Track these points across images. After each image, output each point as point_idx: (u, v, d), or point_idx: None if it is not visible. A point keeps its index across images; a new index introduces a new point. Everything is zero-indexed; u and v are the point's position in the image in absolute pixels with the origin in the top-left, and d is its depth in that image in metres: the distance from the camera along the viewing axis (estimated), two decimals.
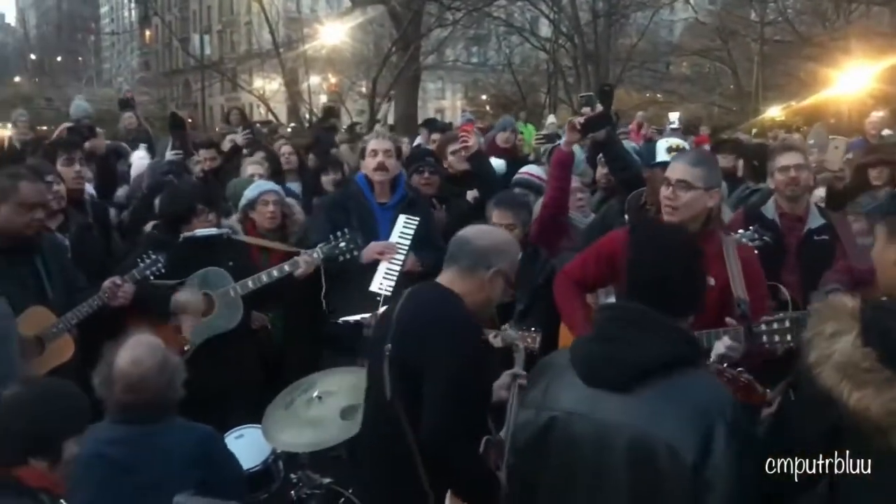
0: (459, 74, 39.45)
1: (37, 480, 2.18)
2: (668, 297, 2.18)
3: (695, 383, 2.09)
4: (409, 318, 2.74)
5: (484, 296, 2.76)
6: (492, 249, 2.78)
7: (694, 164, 3.21)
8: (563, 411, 2.18)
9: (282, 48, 21.22)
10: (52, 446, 2.22)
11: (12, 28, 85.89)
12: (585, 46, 24.79)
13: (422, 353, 2.62)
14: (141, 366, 2.80)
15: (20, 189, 3.55)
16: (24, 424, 2.22)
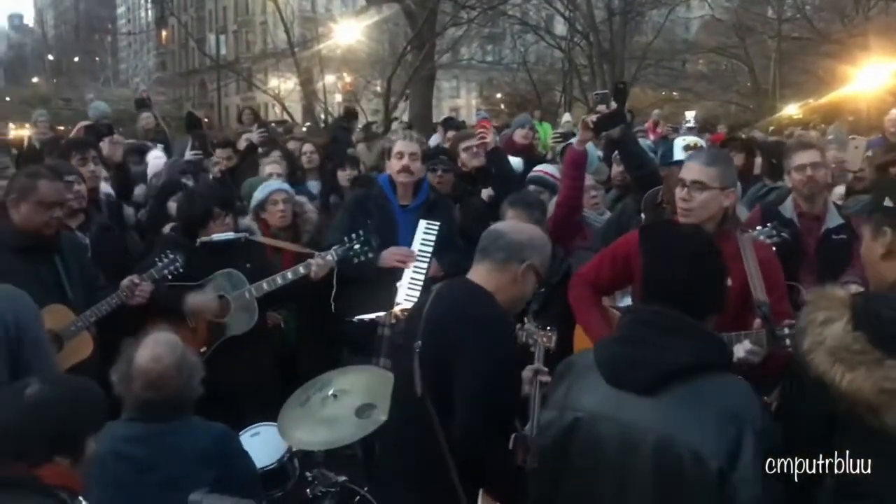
0: (474, 73, 39.46)
1: (56, 478, 2.17)
2: (688, 299, 2.16)
3: (724, 388, 2.06)
4: (440, 315, 2.72)
5: (516, 290, 2.74)
6: (526, 243, 2.76)
7: (708, 163, 3.18)
8: (587, 412, 2.17)
9: (297, 48, 21.28)
10: (77, 444, 2.22)
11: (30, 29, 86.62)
12: (601, 44, 24.71)
13: (454, 350, 2.60)
14: (160, 363, 2.81)
15: (39, 188, 3.57)
16: (52, 423, 2.21)
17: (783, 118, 20.05)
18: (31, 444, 2.17)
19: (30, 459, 2.16)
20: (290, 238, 4.89)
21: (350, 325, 4.32)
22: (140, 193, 5.75)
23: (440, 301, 2.77)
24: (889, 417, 1.75)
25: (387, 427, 3.01)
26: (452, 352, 2.60)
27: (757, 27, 28.53)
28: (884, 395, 1.76)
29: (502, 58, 32.08)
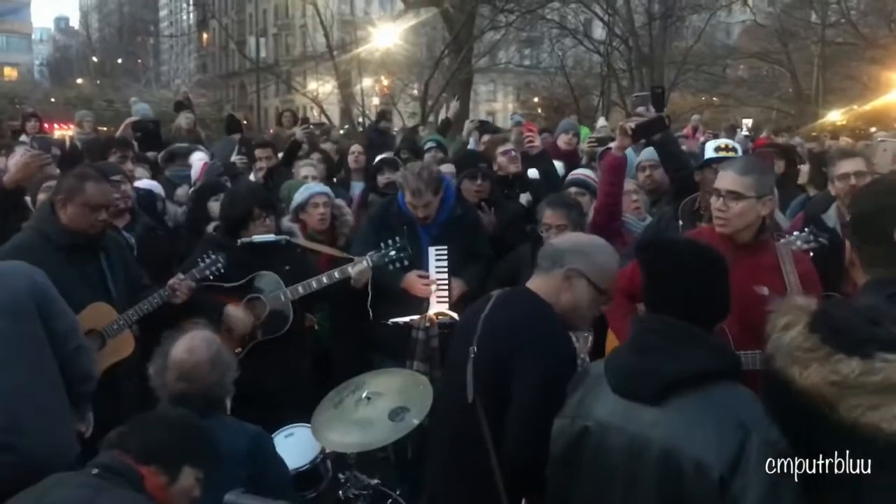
0: (511, 77, 39.38)
1: (156, 490, 2.31)
2: (693, 309, 2.16)
3: (729, 397, 2.06)
4: (498, 321, 2.70)
5: (567, 299, 2.67)
6: (569, 249, 2.72)
7: (743, 172, 3.13)
8: (596, 422, 2.18)
9: (336, 51, 21.46)
10: (171, 462, 2.35)
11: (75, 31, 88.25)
12: (640, 49, 24.53)
13: (511, 358, 2.58)
14: (194, 355, 2.85)
15: (86, 190, 3.62)
16: (156, 433, 2.39)
17: (826, 124, 19.73)
18: (137, 441, 2.36)
19: (131, 454, 2.33)
20: (328, 240, 4.94)
21: (384, 327, 4.35)
22: (182, 194, 5.83)
23: (499, 308, 2.74)
24: (843, 409, 1.77)
25: (433, 431, 3.02)
26: (510, 358, 2.58)
27: (800, 32, 28.11)
28: (833, 388, 1.78)
29: (540, 62, 31.96)
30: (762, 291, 3.09)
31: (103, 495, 2.19)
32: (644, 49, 24.64)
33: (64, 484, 2.26)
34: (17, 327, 3.05)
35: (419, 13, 21.61)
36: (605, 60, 26.35)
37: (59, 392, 3.17)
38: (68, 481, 2.28)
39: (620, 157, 4.28)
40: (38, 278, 3.16)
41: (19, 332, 3.05)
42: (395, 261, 4.25)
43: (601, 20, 26.19)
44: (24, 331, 3.06)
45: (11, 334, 3.04)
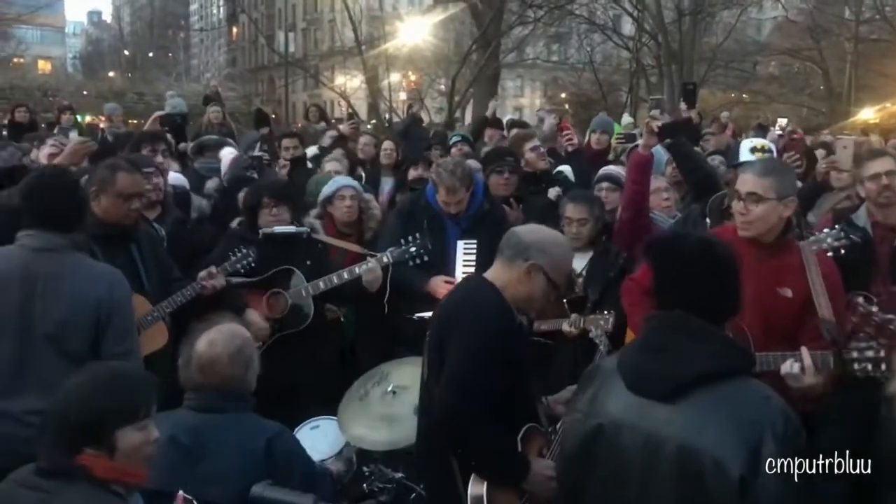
0: (539, 72, 39.21)
1: (105, 472, 2.18)
2: (704, 305, 2.16)
3: (744, 394, 2.06)
4: (446, 304, 2.94)
5: (522, 289, 2.81)
6: (533, 244, 2.84)
7: (763, 174, 3.12)
8: (609, 420, 2.19)
9: (364, 46, 21.48)
10: (101, 436, 2.19)
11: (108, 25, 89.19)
12: (669, 45, 24.27)
13: (447, 335, 2.76)
14: (214, 348, 2.85)
15: (118, 180, 3.68)
16: (74, 414, 2.20)
17: (857, 122, 19.43)
18: (59, 434, 2.20)
19: (62, 448, 2.18)
20: (355, 234, 4.99)
21: (409, 322, 4.38)
22: (212, 187, 5.89)
23: (452, 294, 3.01)
24: None
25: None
26: (447, 336, 2.76)
27: (833, 28, 27.67)
28: None
29: (568, 57, 31.75)
30: (785, 293, 3.08)
31: (57, 498, 2.13)
32: (673, 45, 24.38)
33: (23, 486, 2.19)
34: (63, 340, 3.07)
35: (447, 8, 21.61)
36: (634, 56, 26.12)
37: None
38: (26, 481, 2.20)
39: (647, 155, 4.28)
40: (118, 292, 3.18)
41: (63, 345, 3.07)
42: (416, 257, 4.29)
43: (630, 16, 25.99)
44: (70, 343, 3.08)
45: (55, 346, 3.07)
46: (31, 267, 3.08)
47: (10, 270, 3.08)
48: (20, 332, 3.06)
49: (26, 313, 3.06)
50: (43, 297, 3.06)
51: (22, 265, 3.08)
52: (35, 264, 3.08)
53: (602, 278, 4.18)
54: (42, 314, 3.06)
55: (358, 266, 4.29)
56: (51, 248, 3.12)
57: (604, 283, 4.15)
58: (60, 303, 3.07)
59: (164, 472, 2.59)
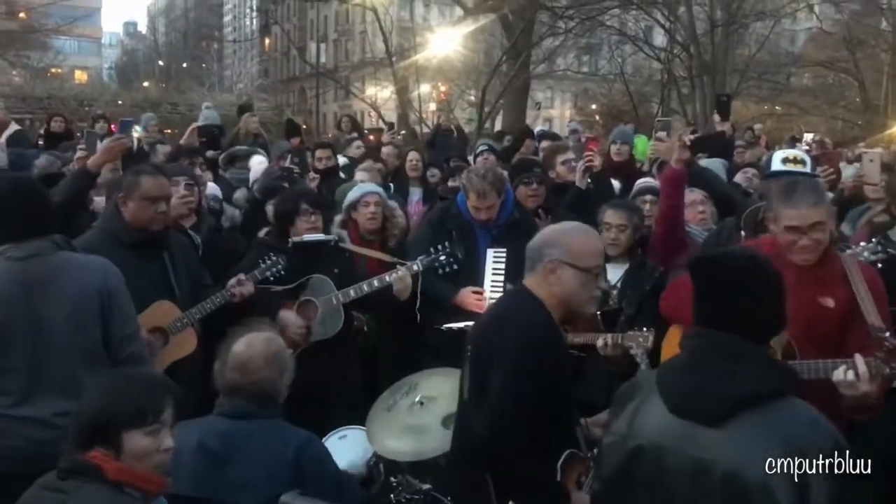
0: (569, 83, 39.12)
1: (116, 473, 2.23)
2: (747, 325, 2.11)
3: (791, 417, 2.01)
4: (488, 320, 2.84)
5: (558, 291, 2.69)
6: (542, 243, 2.76)
7: (817, 201, 3.08)
8: (650, 442, 2.14)
9: (394, 57, 21.58)
10: (109, 435, 2.25)
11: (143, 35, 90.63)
12: (701, 56, 24.09)
13: (489, 352, 2.67)
14: (251, 348, 2.89)
15: (142, 183, 3.75)
16: (86, 412, 2.29)
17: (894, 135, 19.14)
18: (74, 430, 2.29)
19: (76, 445, 2.26)
20: (379, 241, 5.00)
21: (437, 332, 4.37)
22: (240, 197, 5.94)
23: (493, 307, 2.91)
24: None
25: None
26: (488, 357, 2.66)
27: (869, 40, 27.28)
28: None
29: (599, 68, 31.62)
30: (827, 303, 3.04)
31: (72, 498, 2.19)
32: (705, 56, 24.18)
33: (45, 488, 2.26)
34: (76, 337, 3.09)
35: (478, 19, 21.61)
36: (666, 68, 25.98)
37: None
38: (48, 484, 2.27)
39: (679, 170, 4.25)
40: (112, 279, 3.20)
41: (77, 341, 3.10)
42: (445, 265, 4.29)
43: (662, 27, 25.81)
44: (83, 338, 3.11)
45: (70, 344, 3.09)
46: (26, 275, 3.08)
47: (8, 284, 3.07)
48: (33, 340, 3.06)
49: (34, 320, 3.06)
50: (46, 300, 3.07)
51: (17, 276, 3.08)
52: (29, 272, 3.08)
53: (638, 292, 4.14)
54: (49, 317, 3.07)
55: (388, 274, 4.30)
56: (37, 253, 3.10)
57: (639, 298, 4.11)
58: (64, 301, 3.08)
59: (193, 477, 2.60)
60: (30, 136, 10.36)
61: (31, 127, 15.64)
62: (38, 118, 20.14)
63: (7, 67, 30.67)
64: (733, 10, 24.64)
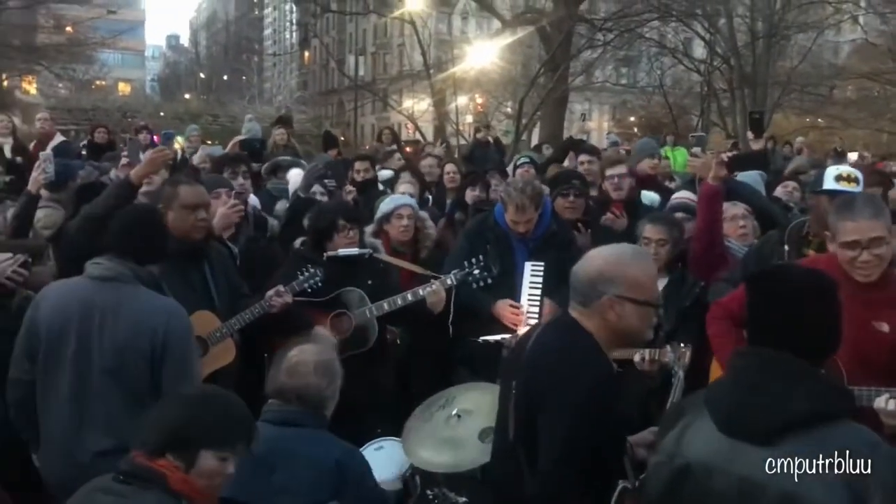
0: (607, 95, 38.94)
1: (179, 484, 2.26)
2: (803, 343, 2.04)
3: (847, 439, 1.93)
4: (537, 355, 2.59)
5: (619, 327, 2.51)
6: (597, 278, 2.51)
7: (876, 214, 3.00)
8: (699, 462, 2.08)
9: (432, 69, 21.68)
10: (187, 449, 2.29)
11: (185, 48, 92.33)
12: (742, 69, 23.83)
13: (541, 393, 2.48)
14: (303, 354, 2.97)
15: (180, 193, 3.80)
16: (171, 417, 2.32)
17: None
18: (150, 433, 2.31)
19: (146, 448, 2.28)
20: (410, 252, 5.01)
21: (473, 345, 4.35)
22: (281, 208, 5.99)
23: (541, 340, 2.63)
24: None
25: (491, 459, 2.98)
26: (540, 397, 2.47)
27: None
28: None
29: (637, 80, 31.46)
30: (881, 328, 2.94)
31: (130, 502, 2.21)
32: (746, 69, 23.93)
33: (100, 491, 2.28)
34: (120, 374, 3.08)
35: (516, 32, 21.65)
36: (706, 80, 25.75)
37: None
38: (103, 487, 2.29)
39: (716, 186, 4.20)
40: (173, 326, 3.14)
41: (121, 379, 3.09)
42: (479, 280, 4.28)
43: (702, 39, 25.60)
44: (126, 377, 3.09)
45: (111, 379, 3.08)
46: (91, 298, 3.10)
47: (70, 302, 3.11)
48: (78, 367, 3.08)
49: (84, 346, 3.08)
50: (101, 328, 3.08)
51: (82, 296, 3.11)
52: (95, 295, 3.11)
53: (677, 307, 4.09)
54: (99, 347, 3.07)
55: (422, 288, 4.29)
56: (113, 276, 3.12)
57: (679, 313, 4.07)
58: (117, 333, 3.07)
59: (238, 482, 2.62)
60: (74, 146, 10.56)
61: (75, 137, 15.96)
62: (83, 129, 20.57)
63: (54, 80, 31.37)
64: (775, 21, 24.32)
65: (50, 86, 32.96)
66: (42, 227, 4.68)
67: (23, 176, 5.94)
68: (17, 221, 4.42)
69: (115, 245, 3.20)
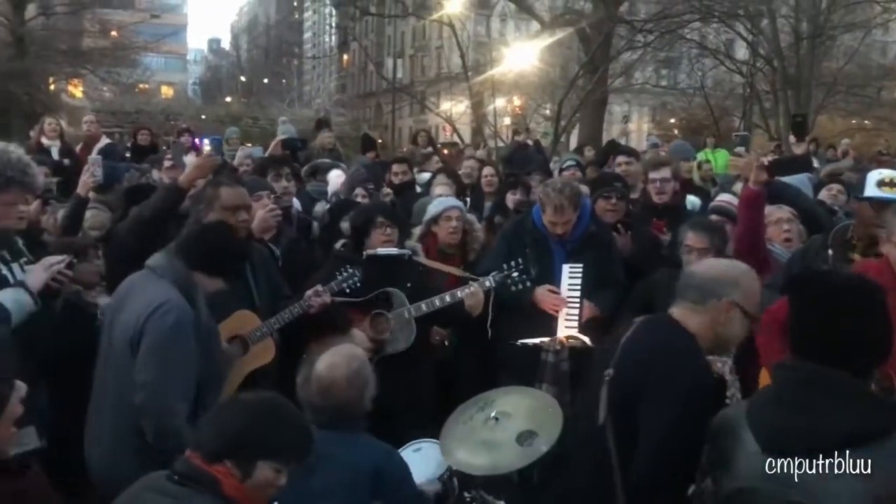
0: (647, 97, 38.56)
1: (233, 490, 2.26)
2: (850, 356, 1.97)
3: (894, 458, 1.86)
4: (637, 347, 2.65)
5: (720, 331, 2.58)
6: (721, 279, 2.60)
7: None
8: (746, 482, 2.03)
9: (470, 72, 21.66)
10: (245, 457, 2.27)
11: (226, 52, 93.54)
12: (786, 70, 23.43)
13: (646, 385, 2.52)
14: (334, 371, 2.94)
15: (221, 194, 3.85)
16: (229, 425, 2.31)
17: None
18: (209, 437, 2.30)
19: (203, 451, 2.27)
20: (458, 255, 5.01)
21: (511, 348, 4.34)
22: (320, 210, 6.04)
23: (640, 335, 2.68)
24: None
25: (557, 451, 3.02)
26: (642, 387, 2.52)
27: None
28: None
29: (678, 82, 31.11)
30: None
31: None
32: (790, 70, 23.52)
33: (152, 490, 2.28)
34: (124, 362, 3.11)
35: (555, 33, 21.55)
36: (748, 81, 25.37)
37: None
38: (156, 486, 2.29)
39: (757, 190, 4.13)
40: (159, 318, 3.05)
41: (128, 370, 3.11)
42: (518, 282, 4.26)
43: (745, 40, 25.24)
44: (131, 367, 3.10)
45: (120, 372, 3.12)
46: (121, 289, 3.19)
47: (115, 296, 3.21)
48: (104, 356, 3.18)
49: (107, 338, 3.19)
50: (117, 318, 3.17)
51: (120, 290, 3.21)
52: (121, 287, 3.20)
53: None
54: (112, 336, 3.16)
55: (460, 290, 4.29)
56: (152, 266, 3.19)
57: None
58: (119, 323, 3.15)
59: None
60: (120, 149, 10.76)
61: (119, 140, 16.26)
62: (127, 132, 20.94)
63: (99, 83, 31.98)
64: (820, 22, 23.85)
65: (95, 89, 33.58)
66: (89, 228, 4.79)
67: (70, 177, 6.09)
68: (67, 222, 4.54)
69: (179, 246, 3.28)
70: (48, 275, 3.25)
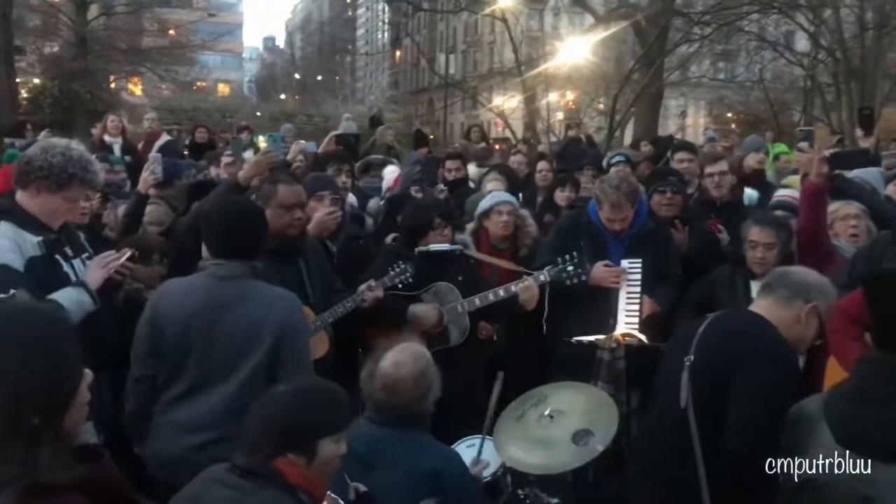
0: (704, 91, 37.92)
1: (297, 478, 2.26)
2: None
3: None
4: (720, 334, 2.78)
5: (798, 331, 2.73)
6: (814, 285, 2.78)
7: None
8: (821, 474, 2.00)
9: (523, 66, 21.55)
10: (307, 444, 2.28)
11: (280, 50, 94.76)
12: (849, 61, 22.74)
13: (733, 366, 2.63)
14: (400, 369, 2.94)
15: (279, 192, 3.86)
16: (281, 420, 2.30)
17: None
18: (263, 438, 2.28)
19: (262, 451, 2.26)
20: (510, 249, 4.99)
21: (565, 346, 4.30)
22: (374, 206, 6.06)
23: (719, 324, 2.84)
24: None
25: (640, 437, 3.15)
26: (730, 368, 2.63)
27: None
28: None
29: (736, 75, 30.46)
30: None
31: (249, 499, 2.20)
32: (854, 61, 22.82)
33: (218, 483, 2.28)
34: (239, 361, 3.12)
35: (609, 27, 21.30)
36: (809, 74, 24.73)
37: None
38: (221, 479, 2.29)
39: (819, 184, 4.03)
40: (295, 318, 3.19)
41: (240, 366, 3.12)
42: (573, 276, 4.21)
43: (806, 31, 24.56)
44: (247, 365, 3.12)
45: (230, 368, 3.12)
46: (213, 293, 3.15)
47: (193, 298, 3.16)
48: (201, 359, 3.13)
49: (208, 338, 3.13)
50: (224, 322, 3.12)
51: (213, 293, 3.15)
52: (217, 290, 3.15)
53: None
54: (221, 339, 3.12)
55: (514, 284, 4.26)
56: (237, 275, 3.17)
57: None
58: (238, 326, 3.11)
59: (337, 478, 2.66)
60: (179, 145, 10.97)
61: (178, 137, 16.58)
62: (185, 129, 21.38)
63: (157, 81, 32.71)
64: (886, 11, 23.07)
65: (154, 87, 34.37)
66: (149, 223, 4.88)
67: (132, 174, 6.22)
68: (128, 219, 4.63)
69: (222, 245, 3.23)
70: (106, 272, 3.30)
